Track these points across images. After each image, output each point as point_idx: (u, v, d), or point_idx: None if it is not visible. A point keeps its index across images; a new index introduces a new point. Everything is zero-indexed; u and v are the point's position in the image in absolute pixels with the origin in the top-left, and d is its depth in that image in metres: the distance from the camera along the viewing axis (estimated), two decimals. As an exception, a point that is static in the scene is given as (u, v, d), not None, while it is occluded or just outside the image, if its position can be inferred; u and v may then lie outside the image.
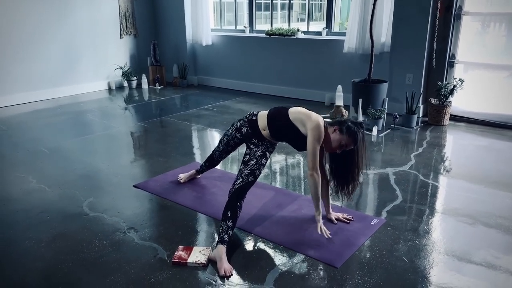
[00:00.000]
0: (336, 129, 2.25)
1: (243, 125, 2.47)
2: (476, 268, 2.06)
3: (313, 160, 2.25)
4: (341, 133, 2.23)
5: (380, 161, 3.50)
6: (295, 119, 2.31)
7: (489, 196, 2.85)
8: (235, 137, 2.52)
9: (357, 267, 2.07)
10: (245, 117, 2.49)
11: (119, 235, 2.36)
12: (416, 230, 2.41)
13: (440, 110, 4.45)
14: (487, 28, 4.46)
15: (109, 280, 1.98)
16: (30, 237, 2.35)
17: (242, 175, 2.34)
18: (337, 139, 2.24)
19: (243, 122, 2.48)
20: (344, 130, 2.22)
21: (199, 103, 5.64)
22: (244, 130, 2.46)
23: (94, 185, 3.08)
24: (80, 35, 6.06)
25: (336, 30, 5.63)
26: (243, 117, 2.51)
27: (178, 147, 3.89)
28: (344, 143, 2.23)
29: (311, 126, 2.23)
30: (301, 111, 2.34)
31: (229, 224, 2.18)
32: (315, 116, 2.28)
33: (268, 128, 2.38)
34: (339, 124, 2.26)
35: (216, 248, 2.12)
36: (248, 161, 2.39)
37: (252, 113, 2.49)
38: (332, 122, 2.33)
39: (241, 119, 2.51)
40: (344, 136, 2.22)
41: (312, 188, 2.30)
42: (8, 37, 5.30)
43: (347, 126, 2.23)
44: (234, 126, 2.53)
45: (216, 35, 6.52)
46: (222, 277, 1.99)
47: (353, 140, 2.22)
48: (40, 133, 4.34)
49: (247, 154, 2.43)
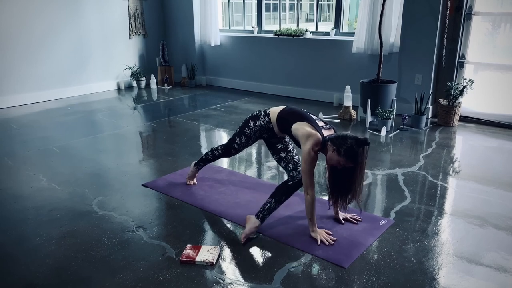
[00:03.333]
0: (334, 150, 2.14)
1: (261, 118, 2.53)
2: (485, 270, 2.04)
3: (305, 180, 2.24)
4: (338, 155, 2.12)
5: (388, 161, 3.49)
6: (295, 135, 2.33)
7: (499, 197, 2.83)
8: (258, 130, 2.54)
9: (365, 268, 2.06)
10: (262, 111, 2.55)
11: (128, 234, 2.38)
12: (425, 231, 2.40)
13: (450, 111, 4.42)
14: (498, 29, 4.42)
15: (118, 278, 1.99)
16: (41, 234, 2.38)
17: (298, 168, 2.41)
18: (335, 159, 2.15)
19: (262, 115, 2.53)
20: (342, 152, 2.10)
21: (207, 103, 5.66)
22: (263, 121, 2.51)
23: (103, 183, 3.10)
24: (89, 36, 6.12)
25: (345, 30, 5.62)
26: (260, 112, 2.55)
27: (186, 146, 3.91)
28: (343, 163, 2.14)
29: (304, 151, 2.22)
30: (300, 131, 2.27)
31: (275, 207, 2.34)
32: (309, 142, 2.21)
33: (276, 126, 2.46)
34: (338, 145, 2.12)
35: (253, 221, 2.32)
36: (291, 150, 2.57)
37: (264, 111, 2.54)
38: (334, 138, 2.18)
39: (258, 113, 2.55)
40: (341, 157, 2.11)
41: (308, 207, 2.28)
42: (19, 38, 5.37)
43: (346, 148, 2.09)
44: (253, 120, 2.55)
45: (225, 35, 6.54)
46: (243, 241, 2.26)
47: (352, 162, 2.12)
48: (51, 132, 4.38)
49: (282, 144, 2.58)
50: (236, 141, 2.65)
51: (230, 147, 2.72)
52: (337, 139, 2.16)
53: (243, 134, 2.59)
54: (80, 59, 6.07)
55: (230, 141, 2.71)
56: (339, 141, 2.13)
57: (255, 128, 2.53)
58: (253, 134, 2.56)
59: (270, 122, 2.48)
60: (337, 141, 2.14)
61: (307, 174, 2.24)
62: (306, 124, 2.29)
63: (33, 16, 5.45)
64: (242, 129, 2.60)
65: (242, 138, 2.61)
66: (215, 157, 2.87)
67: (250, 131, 2.56)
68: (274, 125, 2.46)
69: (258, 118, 2.52)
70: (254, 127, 2.53)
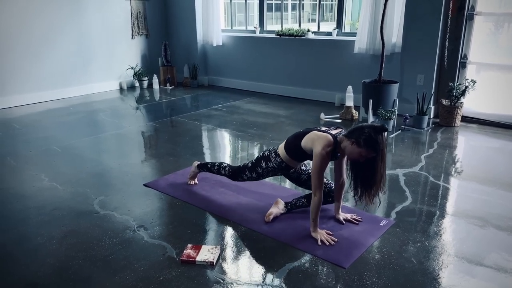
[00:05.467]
0: (353, 142, 2.13)
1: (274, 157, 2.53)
2: (486, 271, 2.04)
3: (315, 182, 2.25)
4: (358, 146, 2.11)
5: (390, 162, 3.48)
6: (307, 149, 2.33)
7: (501, 198, 2.82)
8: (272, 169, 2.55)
9: (365, 268, 2.06)
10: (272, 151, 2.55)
11: (129, 233, 2.39)
12: (426, 231, 2.39)
13: (452, 111, 4.41)
14: (500, 29, 4.40)
15: (119, 277, 2.00)
16: (42, 233, 2.39)
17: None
18: (356, 152, 2.14)
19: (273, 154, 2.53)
20: (362, 143, 2.09)
21: (209, 103, 5.66)
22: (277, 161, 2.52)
23: (105, 183, 3.11)
24: (92, 36, 6.13)
25: (347, 30, 5.62)
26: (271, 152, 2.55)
27: (188, 146, 3.91)
28: (364, 154, 2.12)
29: (315, 153, 2.23)
30: (309, 139, 2.31)
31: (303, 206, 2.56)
32: (319, 143, 2.23)
33: (290, 158, 2.46)
34: (356, 137, 2.12)
35: (281, 207, 2.54)
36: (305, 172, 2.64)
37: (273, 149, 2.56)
38: (349, 132, 2.19)
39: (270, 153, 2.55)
40: (362, 148, 2.10)
41: (314, 208, 2.28)
42: (20, 38, 5.39)
43: (365, 138, 2.09)
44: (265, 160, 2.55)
45: (227, 35, 6.55)
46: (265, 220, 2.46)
47: (373, 151, 2.10)
48: (53, 132, 4.40)
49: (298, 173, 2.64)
50: (247, 174, 2.64)
51: (238, 175, 2.70)
52: (354, 131, 2.16)
53: (254, 171, 2.59)
54: (82, 59, 6.09)
55: (240, 170, 2.67)
56: (357, 133, 2.13)
57: (267, 169, 2.54)
58: (265, 174, 2.58)
59: (283, 161, 2.48)
60: (354, 133, 2.14)
61: (316, 176, 2.23)
62: (313, 133, 2.31)
63: (35, 16, 5.47)
64: (254, 167, 2.58)
65: (253, 174, 2.61)
66: (219, 174, 2.84)
67: (262, 171, 2.57)
68: (288, 161, 2.46)
69: (270, 159, 2.51)
70: (266, 168, 2.54)
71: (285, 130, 4.36)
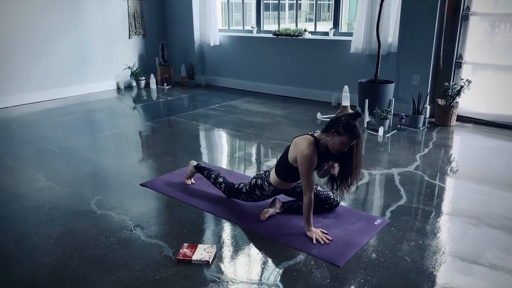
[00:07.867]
0: (333, 132, 2.24)
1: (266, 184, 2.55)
2: (479, 269, 2.06)
3: (305, 184, 2.30)
4: (339, 135, 2.22)
5: (385, 161, 3.51)
6: (293, 158, 2.36)
7: (496, 197, 2.84)
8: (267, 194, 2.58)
9: (360, 267, 2.08)
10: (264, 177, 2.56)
11: (126, 233, 2.40)
12: (420, 230, 2.42)
13: (447, 111, 4.43)
14: (495, 29, 4.43)
15: (115, 276, 2.02)
16: (39, 233, 2.40)
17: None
18: (338, 142, 2.24)
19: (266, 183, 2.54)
20: (342, 131, 2.21)
21: (206, 103, 5.68)
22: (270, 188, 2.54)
23: (102, 183, 3.13)
24: (89, 35, 6.13)
25: (344, 30, 5.63)
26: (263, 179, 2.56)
27: (185, 146, 3.93)
28: (346, 142, 2.23)
29: (299, 154, 2.28)
30: (291, 148, 2.38)
31: (300, 205, 2.53)
32: (301, 145, 2.30)
33: (284, 182, 2.49)
34: (335, 126, 2.24)
35: (278, 206, 2.57)
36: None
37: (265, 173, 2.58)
38: (326, 126, 2.30)
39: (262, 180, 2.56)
40: (343, 136, 2.22)
41: (305, 208, 2.32)
42: (19, 38, 5.39)
43: (343, 125, 2.21)
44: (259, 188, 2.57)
45: (224, 35, 6.56)
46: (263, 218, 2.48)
47: (354, 136, 2.22)
48: (50, 132, 4.40)
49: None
50: (242, 196, 2.66)
51: (233, 194, 2.72)
52: (331, 123, 2.29)
53: (251, 197, 2.62)
54: (79, 59, 6.09)
55: (237, 190, 2.68)
56: (334, 123, 2.26)
57: (262, 196, 2.59)
58: (261, 199, 2.62)
59: (276, 189, 2.52)
60: (332, 125, 2.26)
61: (305, 176, 2.28)
62: (292, 142, 2.40)
63: (33, 17, 5.46)
64: (249, 194, 2.61)
65: (249, 198, 2.64)
66: (214, 185, 2.84)
67: (258, 198, 2.61)
68: (281, 185, 2.50)
69: (263, 189, 2.54)
70: (261, 195, 2.58)
71: (281, 130, 4.38)
